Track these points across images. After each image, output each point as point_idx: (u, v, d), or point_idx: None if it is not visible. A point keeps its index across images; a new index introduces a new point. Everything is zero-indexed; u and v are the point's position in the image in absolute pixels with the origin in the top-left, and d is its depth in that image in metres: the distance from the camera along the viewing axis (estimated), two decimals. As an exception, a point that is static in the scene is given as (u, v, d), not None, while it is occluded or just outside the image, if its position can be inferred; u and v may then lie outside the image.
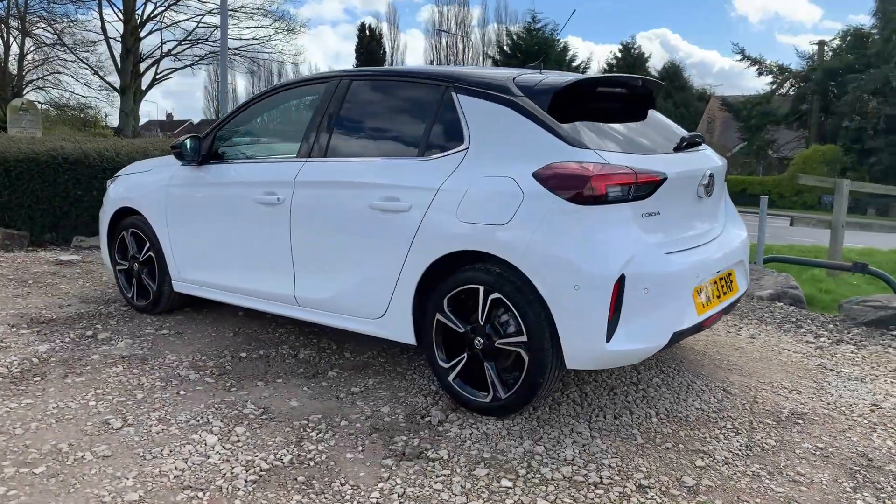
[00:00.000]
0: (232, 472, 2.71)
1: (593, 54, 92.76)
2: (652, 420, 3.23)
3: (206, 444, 2.92)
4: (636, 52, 47.36)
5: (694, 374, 3.83)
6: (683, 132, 3.68)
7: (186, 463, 2.77)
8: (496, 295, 3.04)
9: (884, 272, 6.95)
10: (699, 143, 3.66)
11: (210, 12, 27.20)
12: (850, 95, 26.64)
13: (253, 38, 29.25)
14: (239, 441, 2.96)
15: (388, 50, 59.79)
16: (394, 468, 2.76)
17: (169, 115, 62.64)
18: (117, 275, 4.94)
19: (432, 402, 3.36)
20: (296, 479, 2.67)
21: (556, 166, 2.91)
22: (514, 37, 42.42)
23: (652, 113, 3.71)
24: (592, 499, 2.57)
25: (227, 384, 3.59)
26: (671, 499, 2.58)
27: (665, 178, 3.04)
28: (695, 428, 3.17)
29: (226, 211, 4.12)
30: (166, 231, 4.46)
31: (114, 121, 30.79)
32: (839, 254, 8.79)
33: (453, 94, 3.34)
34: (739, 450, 2.98)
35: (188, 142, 4.23)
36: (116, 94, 28.71)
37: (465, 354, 3.19)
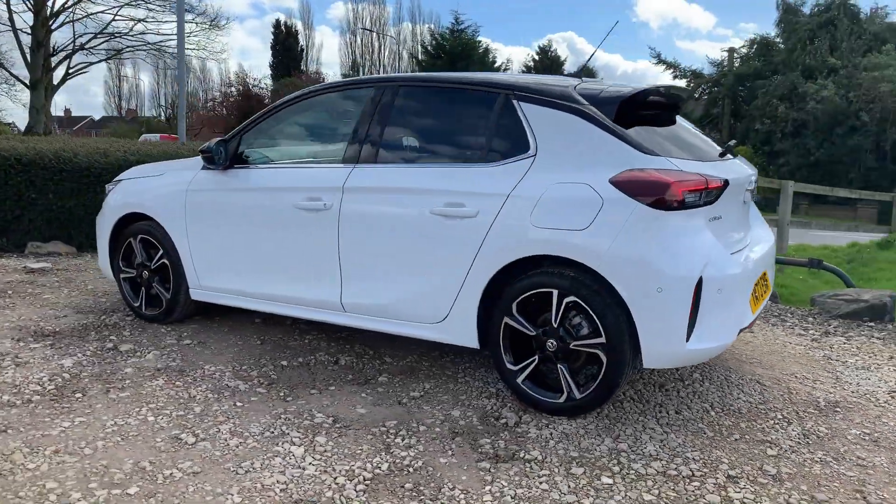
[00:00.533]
0: (336, 483, 2.68)
1: (512, 56, 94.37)
2: (710, 414, 3.40)
3: (294, 456, 2.87)
4: (552, 54, 48.72)
5: (724, 368, 4.04)
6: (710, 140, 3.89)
7: (285, 475, 2.72)
8: (571, 298, 3.12)
9: (837, 268, 7.48)
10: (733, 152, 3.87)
11: (129, 3, 26.00)
12: (760, 100, 28.24)
13: (174, 34, 28.10)
14: (326, 451, 2.92)
15: (304, 47, 59.07)
16: (493, 471, 2.80)
17: (67, 112, 59.33)
18: (121, 283, 4.72)
19: (500, 404, 3.42)
20: (403, 487, 2.67)
21: (636, 173, 3.03)
22: (438, 37, 42.65)
23: (681, 121, 3.89)
24: (692, 491, 2.70)
25: (281, 394, 3.52)
26: (761, 486, 2.75)
27: (727, 184, 3.22)
28: (750, 419, 3.36)
29: (259, 217, 4.02)
30: (185, 237, 4.31)
31: (9, 117, 28.91)
32: (785, 250, 9.37)
33: (514, 101, 3.40)
34: (799, 438, 3.19)
35: (219, 146, 4.10)
36: (18, 87, 27.05)
37: (536, 357, 3.27)
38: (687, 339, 2.99)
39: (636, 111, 3.38)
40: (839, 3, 27.60)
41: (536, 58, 48.18)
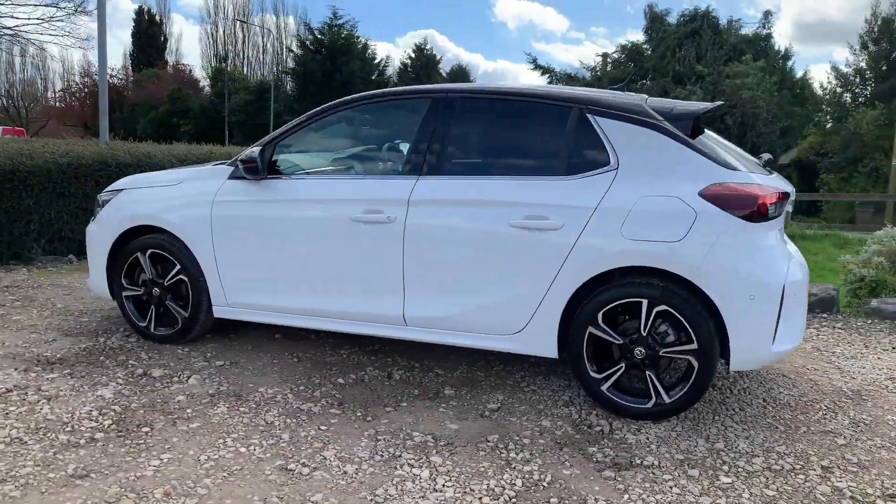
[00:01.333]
0: (482, 503, 2.66)
1: (391, 53, 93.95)
2: (768, 408, 3.66)
3: (422, 479, 2.80)
4: (428, 52, 49.28)
5: (747, 364, 4.35)
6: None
7: (429, 500, 2.65)
8: (662, 307, 3.26)
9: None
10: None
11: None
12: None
13: (32, 18, 25.71)
14: (451, 471, 2.88)
15: (166, 36, 56.00)
16: (619, 479, 2.88)
17: None
18: (123, 303, 4.34)
19: (584, 412, 3.49)
20: (548, 502, 2.69)
21: (728, 187, 3.21)
22: (316, 32, 41.82)
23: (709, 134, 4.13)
24: (801, 483, 2.91)
25: (357, 414, 3.41)
26: (853, 475, 3.01)
27: (788, 196, 3.48)
28: (803, 412, 3.66)
29: (306, 230, 3.85)
30: (210, 251, 4.04)
31: None
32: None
33: (589, 115, 3.48)
34: (852, 426, 3.51)
35: (261, 155, 3.88)
36: None
37: (623, 365, 3.38)
38: (772, 342, 3.21)
39: (696, 125, 3.56)
40: (702, 15, 29.91)
41: (412, 55, 48.61)
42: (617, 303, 3.34)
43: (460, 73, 50.02)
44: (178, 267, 4.15)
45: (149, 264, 4.24)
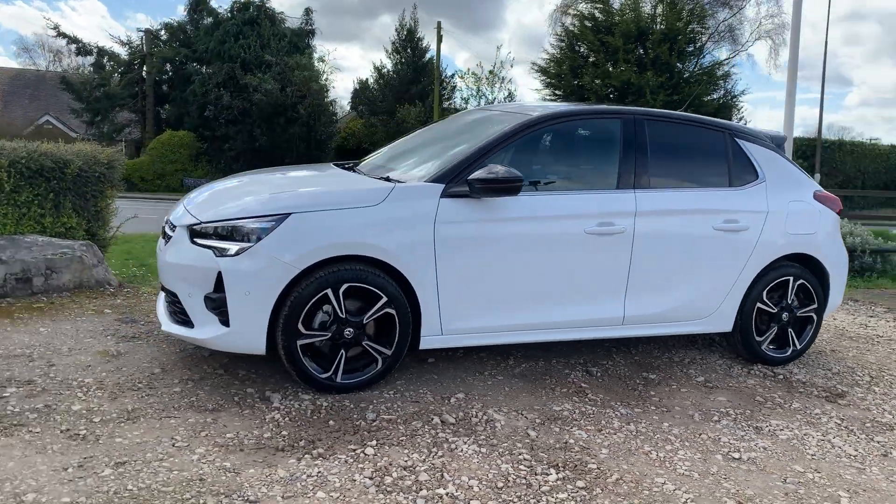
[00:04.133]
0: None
1: None
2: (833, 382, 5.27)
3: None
4: None
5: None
6: None
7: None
8: (801, 281, 4.53)
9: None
10: None
11: None
12: (198, 87, 29.19)
13: None
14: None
15: None
16: (837, 401, 4.09)
17: None
18: (297, 355, 3.51)
19: (768, 378, 4.52)
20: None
21: (825, 192, 4.63)
22: None
23: None
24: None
25: (620, 404, 3.79)
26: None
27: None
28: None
29: (543, 245, 3.87)
30: (433, 278, 3.66)
31: None
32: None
33: (738, 140, 4.49)
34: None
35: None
36: None
37: (776, 327, 4.54)
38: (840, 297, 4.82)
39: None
40: (258, 5, 30.60)
41: None
42: (775, 282, 4.48)
43: None
44: (384, 300, 3.59)
45: (340, 303, 3.53)
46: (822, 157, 27.12)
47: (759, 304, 4.47)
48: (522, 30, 76.00)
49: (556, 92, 29.16)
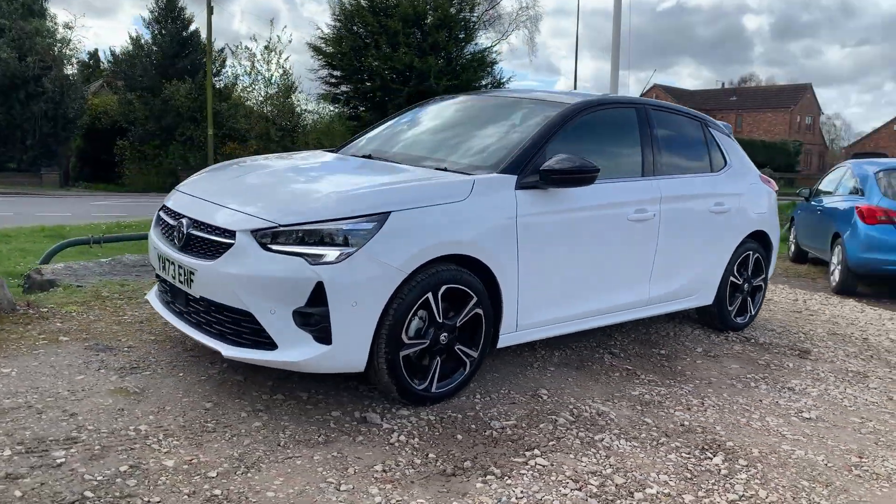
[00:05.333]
0: (859, 388, 4.16)
1: None
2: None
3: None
4: None
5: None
6: None
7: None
8: (757, 255, 5.11)
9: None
10: None
11: None
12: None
13: None
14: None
15: None
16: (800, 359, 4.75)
17: None
18: (398, 364, 3.17)
19: (745, 343, 5.00)
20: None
21: (765, 176, 5.25)
22: None
23: None
24: (819, 335, 5.40)
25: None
26: None
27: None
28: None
29: (595, 234, 3.91)
30: (515, 273, 3.52)
31: None
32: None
33: (709, 128, 4.91)
34: None
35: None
36: None
37: (740, 296, 5.07)
38: (774, 265, 5.52)
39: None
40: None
41: None
42: (742, 256, 5.00)
43: None
44: (475, 299, 3.37)
45: (440, 305, 3.25)
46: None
47: (731, 278, 4.96)
48: (302, 6, 73.22)
49: (335, 73, 28.78)
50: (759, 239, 5.12)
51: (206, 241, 3.19)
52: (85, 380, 3.27)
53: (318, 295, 2.94)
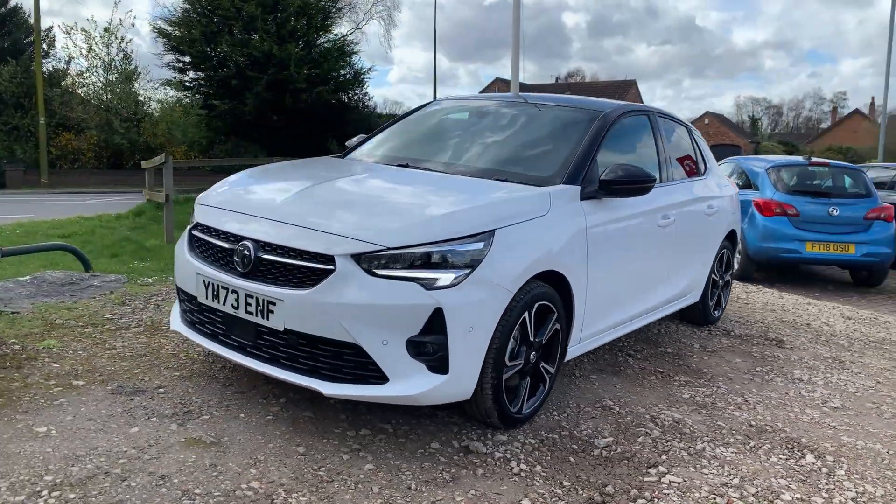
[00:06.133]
0: (848, 374, 4.57)
1: None
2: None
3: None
4: None
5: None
6: None
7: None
8: (728, 252, 5.44)
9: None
10: None
11: None
12: None
13: None
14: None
15: None
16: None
17: None
18: (500, 388, 3.03)
19: (727, 337, 5.27)
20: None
21: (731, 181, 5.59)
22: None
23: None
24: (774, 324, 5.86)
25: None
26: None
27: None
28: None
29: (636, 240, 3.97)
30: (584, 285, 3.49)
31: None
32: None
33: (692, 133, 5.14)
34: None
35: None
36: None
37: (717, 292, 5.38)
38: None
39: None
40: None
41: None
42: (719, 254, 5.30)
43: None
44: (556, 315, 3.30)
45: (533, 323, 3.14)
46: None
47: (712, 275, 5.25)
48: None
49: (183, 58, 26.87)
50: (730, 237, 5.45)
51: (289, 267, 2.84)
52: (142, 432, 2.81)
53: (434, 322, 2.73)
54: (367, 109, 30.81)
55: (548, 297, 3.18)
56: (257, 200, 3.26)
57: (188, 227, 3.39)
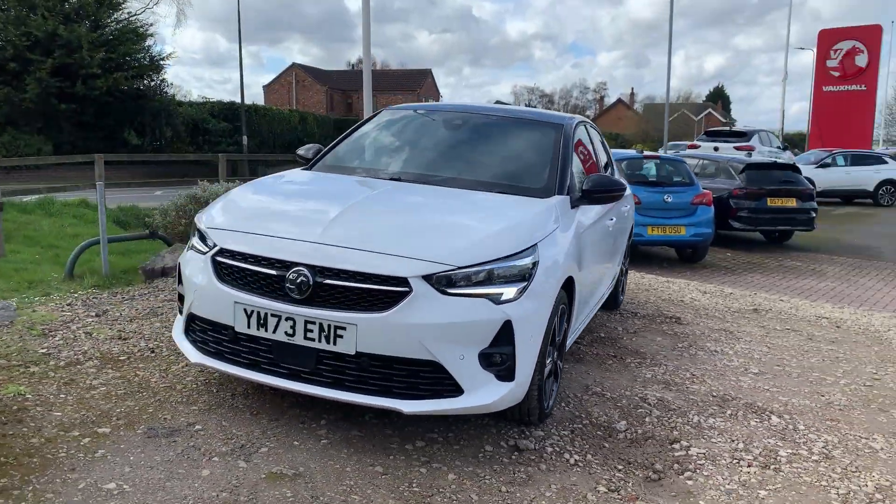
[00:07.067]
0: (744, 343, 5.41)
1: None
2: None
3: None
4: None
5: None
6: None
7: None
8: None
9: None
10: None
11: None
12: None
13: None
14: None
15: None
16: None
17: None
18: (543, 388, 3.31)
19: (639, 319, 5.90)
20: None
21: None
22: None
23: None
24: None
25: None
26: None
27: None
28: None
29: (599, 242, 4.39)
30: (578, 284, 3.84)
31: None
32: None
33: (602, 137, 5.70)
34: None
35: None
36: None
37: (623, 280, 6.03)
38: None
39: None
40: None
41: None
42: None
43: None
44: (566, 315, 3.63)
45: (559, 325, 3.43)
46: (245, 121, 29.29)
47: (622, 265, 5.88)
48: None
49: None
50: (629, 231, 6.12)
51: (356, 291, 2.85)
52: (216, 474, 2.68)
53: (503, 333, 2.92)
54: (165, 97, 28.71)
55: (564, 299, 3.48)
56: (294, 224, 3.16)
57: (208, 252, 3.18)
